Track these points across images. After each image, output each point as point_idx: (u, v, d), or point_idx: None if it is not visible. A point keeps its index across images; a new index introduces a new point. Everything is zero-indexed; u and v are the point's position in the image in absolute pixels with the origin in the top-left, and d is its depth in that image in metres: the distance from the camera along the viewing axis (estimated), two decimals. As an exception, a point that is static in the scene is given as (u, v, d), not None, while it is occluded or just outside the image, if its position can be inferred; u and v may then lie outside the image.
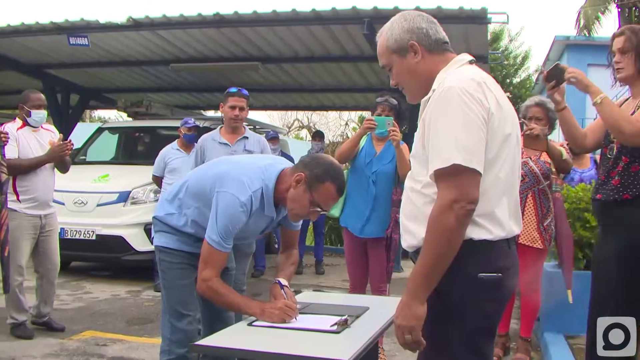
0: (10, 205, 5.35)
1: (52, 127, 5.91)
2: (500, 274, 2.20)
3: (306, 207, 2.98)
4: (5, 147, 5.25)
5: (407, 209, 2.34)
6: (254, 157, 3.80)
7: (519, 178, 2.38)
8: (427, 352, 2.27)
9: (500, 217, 2.22)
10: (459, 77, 2.20)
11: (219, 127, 5.59)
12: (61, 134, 5.72)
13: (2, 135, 5.13)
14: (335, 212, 5.22)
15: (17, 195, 5.37)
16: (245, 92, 5.41)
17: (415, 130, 2.33)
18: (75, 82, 12.19)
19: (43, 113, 5.56)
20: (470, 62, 2.35)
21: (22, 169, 5.38)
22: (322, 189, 2.93)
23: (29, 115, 5.48)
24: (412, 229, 2.29)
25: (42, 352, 5.09)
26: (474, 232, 2.17)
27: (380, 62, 2.45)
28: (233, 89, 5.40)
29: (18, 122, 5.56)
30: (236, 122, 5.33)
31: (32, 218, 5.45)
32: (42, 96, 5.69)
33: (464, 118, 2.10)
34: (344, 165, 5.27)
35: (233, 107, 5.29)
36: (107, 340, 5.50)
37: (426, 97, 2.27)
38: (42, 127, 5.66)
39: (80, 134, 11.84)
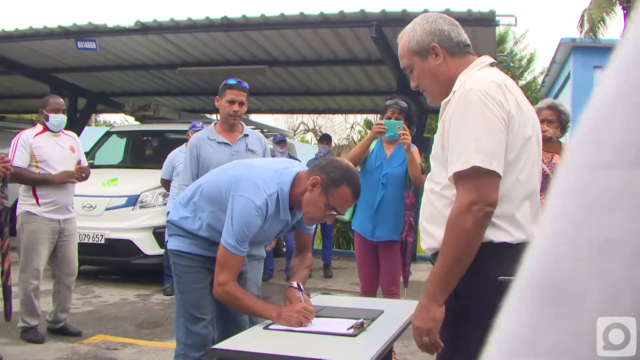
0: (29, 208, 5.39)
1: (74, 134, 5.93)
2: None
3: (322, 211, 2.97)
4: (15, 154, 5.30)
5: (426, 211, 2.33)
6: (269, 161, 3.81)
7: (540, 180, 2.37)
8: (445, 355, 2.27)
9: (521, 220, 2.21)
10: (480, 79, 2.20)
11: (213, 123, 4.88)
12: (80, 160, 5.65)
13: (2, 164, 5.05)
14: (346, 215, 5.22)
15: (37, 199, 5.40)
16: (245, 84, 4.66)
17: (423, 133, 2.33)
18: (82, 86, 12.24)
19: (61, 117, 5.58)
20: (492, 65, 2.35)
21: (27, 181, 5.41)
22: (338, 193, 2.92)
23: (47, 119, 5.51)
24: (432, 231, 2.28)
25: (53, 356, 5.10)
26: (494, 235, 2.16)
27: (402, 64, 2.45)
28: (232, 81, 4.59)
29: (38, 127, 5.60)
30: (235, 118, 4.56)
31: (51, 222, 5.46)
32: (61, 100, 5.72)
33: (484, 120, 2.09)
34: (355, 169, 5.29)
35: (232, 102, 4.51)
36: (117, 344, 5.50)
37: (446, 99, 2.26)
38: (63, 132, 5.69)
39: (87, 138, 11.88)
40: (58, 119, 5.55)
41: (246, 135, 4.64)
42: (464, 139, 2.11)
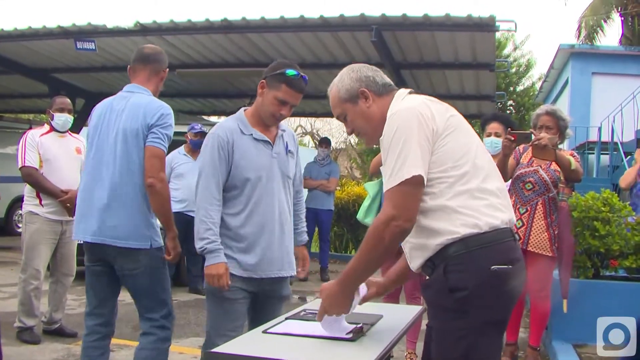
0: (32, 209, 5.42)
1: (81, 137, 5.94)
2: (510, 266, 2.31)
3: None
4: (26, 154, 5.34)
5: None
6: None
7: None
8: (440, 348, 2.39)
9: (499, 206, 2.38)
10: (401, 104, 2.45)
11: (242, 109, 3.56)
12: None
13: None
14: (369, 220, 5.25)
15: (40, 200, 5.41)
16: (307, 79, 3.47)
17: None
18: (81, 86, 12.23)
19: (66, 117, 5.61)
20: (410, 92, 2.56)
21: (37, 186, 5.45)
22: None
23: (52, 118, 5.54)
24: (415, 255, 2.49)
25: (49, 357, 5.08)
26: (477, 227, 2.29)
27: (335, 113, 2.66)
28: (292, 71, 3.33)
29: (45, 127, 5.64)
30: (276, 122, 3.50)
31: (53, 223, 5.47)
32: (67, 100, 5.76)
33: (405, 137, 2.30)
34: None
35: (284, 103, 3.35)
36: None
37: (382, 137, 2.45)
38: (70, 134, 5.71)
39: (85, 138, 11.85)
40: (62, 119, 5.57)
41: (283, 131, 3.61)
42: (389, 161, 2.33)
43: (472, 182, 2.32)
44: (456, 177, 2.31)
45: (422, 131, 2.30)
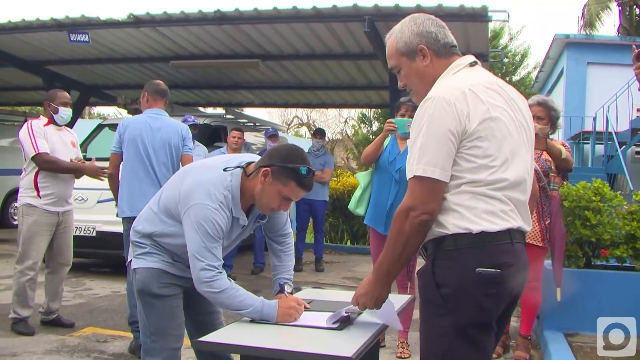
0: (29, 201, 5.44)
1: (72, 130, 5.99)
2: (498, 270, 2.20)
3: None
4: (37, 142, 5.35)
5: None
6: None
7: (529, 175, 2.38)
8: (424, 341, 2.35)
9: (498, 212, 2.24)
10: (445, 86, 2.30)
11: (242, 172, 3.01)
12: (94, 157, 5.83)
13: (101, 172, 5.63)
14: (360, 210, 5.27)
15: (38, 191, 5.42)
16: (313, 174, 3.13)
17: None
18: (75, 78, 12.22)
19: (70, 111, 5.68)
20: (472, 65, 2.41)
21: (58, 169, 5.48)
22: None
23: (57, 112, 5.55)
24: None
25: (43, 348, 5.10)
26: (472, 224, 2.21)
27: (389, 64, 2.51)
28: (305, 169, 2.95)
29: (43, 119, 5.61)
30: (271, 213, 3.16)
31: (50, 215, 5.49)
32: (68, 95, 5.80)
33: (430, 130, 2.20)
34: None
35: (287, 199, 2.99)
36: (107, 337, 5.52)
37: (414, 119, 2.33)
38: (64, 127, 5.74)
39: (80, 130, 11.83)
40: (67, 113, 5.62)
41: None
42: (414, 149, 2.23)
43: (482, 187, 2.23)
44: (468, 179, 2.22)
45: (453, 128, 2.18)
